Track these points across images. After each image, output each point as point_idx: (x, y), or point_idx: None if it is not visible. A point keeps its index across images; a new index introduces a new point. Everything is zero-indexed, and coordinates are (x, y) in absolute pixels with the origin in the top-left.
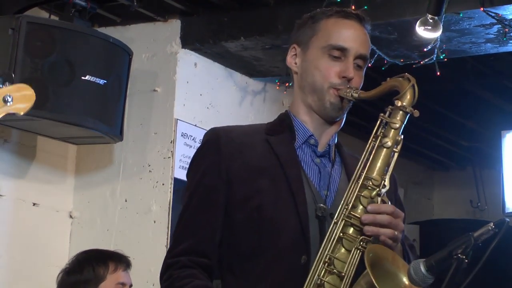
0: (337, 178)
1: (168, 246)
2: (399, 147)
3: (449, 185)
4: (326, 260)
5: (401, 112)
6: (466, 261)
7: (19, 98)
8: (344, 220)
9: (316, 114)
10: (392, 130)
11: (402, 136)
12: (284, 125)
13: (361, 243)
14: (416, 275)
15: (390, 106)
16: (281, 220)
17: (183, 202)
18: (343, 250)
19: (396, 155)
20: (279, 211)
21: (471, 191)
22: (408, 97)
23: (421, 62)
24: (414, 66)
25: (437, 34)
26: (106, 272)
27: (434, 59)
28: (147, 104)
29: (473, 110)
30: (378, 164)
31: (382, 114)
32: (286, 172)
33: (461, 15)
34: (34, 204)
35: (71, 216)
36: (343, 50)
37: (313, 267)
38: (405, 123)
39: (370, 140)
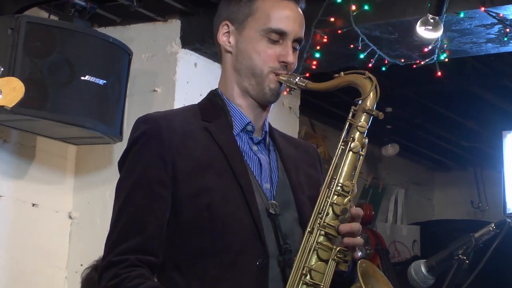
0: (276, 168)
1: (107, 242)
2: (364, 150)
3: (449, 186)
4: (304, 272)
5: (367, 114)
6: (467, 262)
7: (8, 91)
8: (319, 230)
9: (252, 98)
10: (359, 133)
11: (367, 139)
12: (218, 108)
13: (338, 254)
14: (417, 275)
15: (353, 107)
16: (233, 220)
17: (120, 194)
18: (319, 260)
19: (362, 158)
20: (230, 209)
21: (472, 192)
22: (372, 98)
23: (422, 62)
24: (414, 66)
25: (437, 34)
26: None
27: (435, 59)
28: (147, 104)
29: (474, 110)
30: (346, 169)
31: (350, 118)
32: (232, 166)
33: (462, 15)
34: (33, 205)
35: (70, 217)
36: (282, 34)
37: (289, 279)
38: (369, 125)
39: (339, 145)
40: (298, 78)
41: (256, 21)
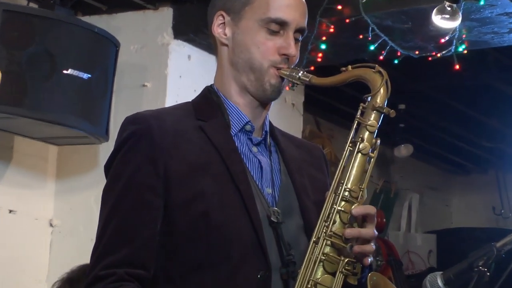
0: (278, 171)
1: (93, 254)
2: (376, 152)
3: (469, 190)
4: (309, 286)
5: (377, 112)
6: (488, 274)
7: None
8: (325, 240)
9: (251, 95)
10: (368, 133)
11: (379, 140)
12: (214, 106)
13: (347, 266)
14: None
15: (362, 105)
16: (232, 228)
17: (107, 201)
18: (325, 273)
19: (372, 161)
20: (229, 217)
21: (494, 197)
22: (382, 94)
23: (438, 55)
24: (430, 58)
25: (455, 23)
26: None
27: (453, 51)
28: (135, 100)
29: (496, 107)
30: (355, 173)
31: (358, 116)
32: (230, 169)
33: (482, 2)
34: (10, 211)
35: (51, 225)
36: (282, 23)
37: None
38: (379, 124)
39: (347, 146)
40: (301, 72)
41: (254, 11)
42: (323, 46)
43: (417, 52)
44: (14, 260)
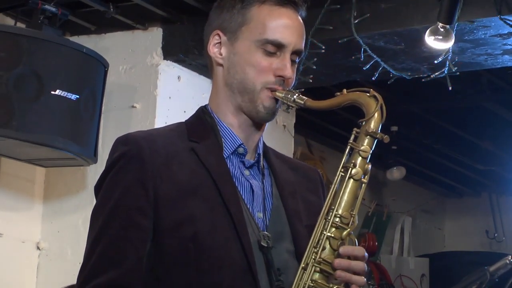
0: (270, 195)
1: (80, 276)
2: (367, 177)
3: (462, 214)
4: None
5: (370, 138)
6: None
7: None
8: (313, 266)
9: (245, 115)
10: (361, 158)
11: (370, 165)
12: (207, 127)
13: None
14: None
15: (356, 129)
16: (222, 252)
17: (96, 222)
18: None
19: (364, 186)
20: (219, 240)
21: (487, 220)
22: (377, 119)
23: (431, 76)
24: (423, 80)
25: (448, 44)
26: None
27: (446, 72)
28: (124, 122)
29: (490, 129)
30: (346, 198)
31: (351, 142)
32: (221, 192)
33: (475, 23)
34: None
35: (38, 248)
36: (279, 45)
37: None
38: (372, 149)
39: (338, 171)
40: (296, 94)
41: (251, 31)
42: (314, 67)
43: (409, 74)
44: (1, 283)
